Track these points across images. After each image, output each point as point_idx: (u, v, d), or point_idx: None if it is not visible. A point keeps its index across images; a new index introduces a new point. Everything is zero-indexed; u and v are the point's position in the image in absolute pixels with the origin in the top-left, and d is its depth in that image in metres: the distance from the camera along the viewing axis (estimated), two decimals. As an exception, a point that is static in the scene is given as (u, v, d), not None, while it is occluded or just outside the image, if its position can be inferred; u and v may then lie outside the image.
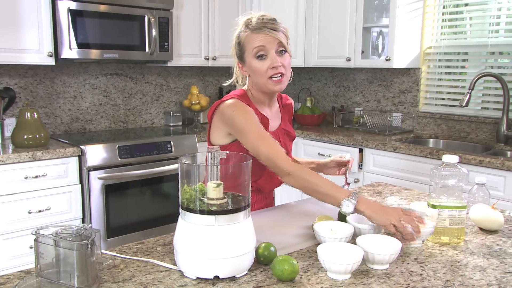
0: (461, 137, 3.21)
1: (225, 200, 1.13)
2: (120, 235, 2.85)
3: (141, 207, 2.94)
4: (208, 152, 1.22)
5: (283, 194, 3.65)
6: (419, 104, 3.46)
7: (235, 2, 3.61)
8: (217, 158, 1.23)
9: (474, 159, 2.52)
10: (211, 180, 1.15)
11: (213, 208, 1.10)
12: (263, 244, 1.19)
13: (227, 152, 1.24)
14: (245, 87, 1.63)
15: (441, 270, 1.17)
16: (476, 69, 3.16)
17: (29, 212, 2.53)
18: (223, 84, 1.77)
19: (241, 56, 1.56)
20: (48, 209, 2.59)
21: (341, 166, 1.73)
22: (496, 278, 1.12)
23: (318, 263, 1.19)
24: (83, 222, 2.73)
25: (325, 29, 3.60)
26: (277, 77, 1.51)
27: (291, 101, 1.79)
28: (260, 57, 1.50)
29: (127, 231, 2.89)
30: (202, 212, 1.09)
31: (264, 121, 1.58)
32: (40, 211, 2.56)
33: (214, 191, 1.12)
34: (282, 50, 1.52)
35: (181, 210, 1.13)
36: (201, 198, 1.12)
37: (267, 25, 1.49)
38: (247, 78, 1.60)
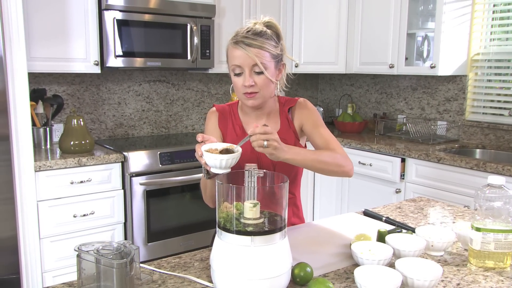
0: (510, 147, 3.08)
1: (261, 220, 1.13)
2: (160, 240, 2.91)
3: (181, 212, 2.99)
4: (245, 170, 1.23)
5: (324, 209, 3.62)
6: (466, 113, 3.34)
7: (277, 9, 3.60)
8: (254, 177, 1.23)
9: (524, 173, 2.42)
10: (248, 199, 1.15)
11: (249, 229, 1.10)
12: (299, 264, 1.18)
13: (264, 170, 1.24)
14: None
15: (484, 299, 1.12)
16: (528, 77, 3.03)
17: (74, 216, 2.62)
18: None
19: (227, 65, 1.54)
20: (92, 213, 2.67)
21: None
22: (544, 310, 1.07)
23: (355, 285, 1.17)
24: (125, 226, 2.81)
25: (367, 35, 3.54)
26: (250, 93, 1.48)
27: (289, 106, 1.61)
28: (237, 74, 1.47)
29: (167, 236, 2.94)
30: (238, 232, 1.10)
31: (236, 129, 1.59)
32: (84, 215, 2.65)
33: (250, 211, 1.12)
34: (258, 72, 1.44)
35: (217, 229, 1.14)
36: (237, 217, 1.12)
37: (246, 40, 1.42)
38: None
